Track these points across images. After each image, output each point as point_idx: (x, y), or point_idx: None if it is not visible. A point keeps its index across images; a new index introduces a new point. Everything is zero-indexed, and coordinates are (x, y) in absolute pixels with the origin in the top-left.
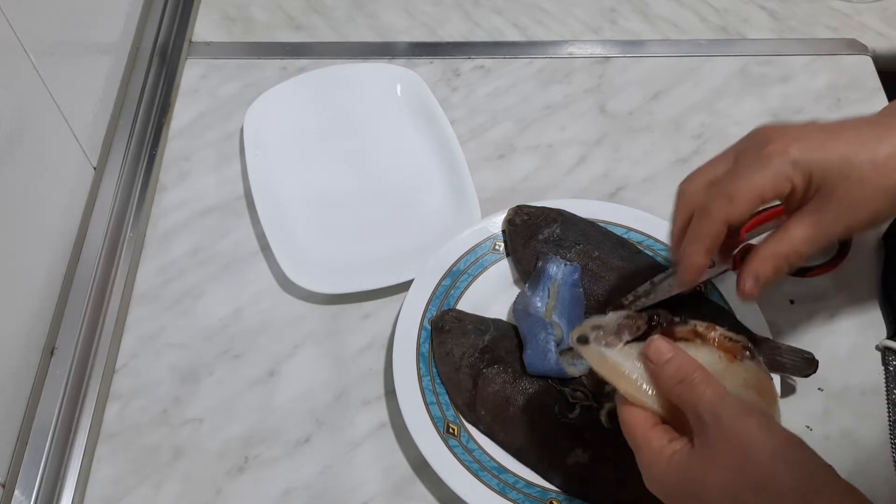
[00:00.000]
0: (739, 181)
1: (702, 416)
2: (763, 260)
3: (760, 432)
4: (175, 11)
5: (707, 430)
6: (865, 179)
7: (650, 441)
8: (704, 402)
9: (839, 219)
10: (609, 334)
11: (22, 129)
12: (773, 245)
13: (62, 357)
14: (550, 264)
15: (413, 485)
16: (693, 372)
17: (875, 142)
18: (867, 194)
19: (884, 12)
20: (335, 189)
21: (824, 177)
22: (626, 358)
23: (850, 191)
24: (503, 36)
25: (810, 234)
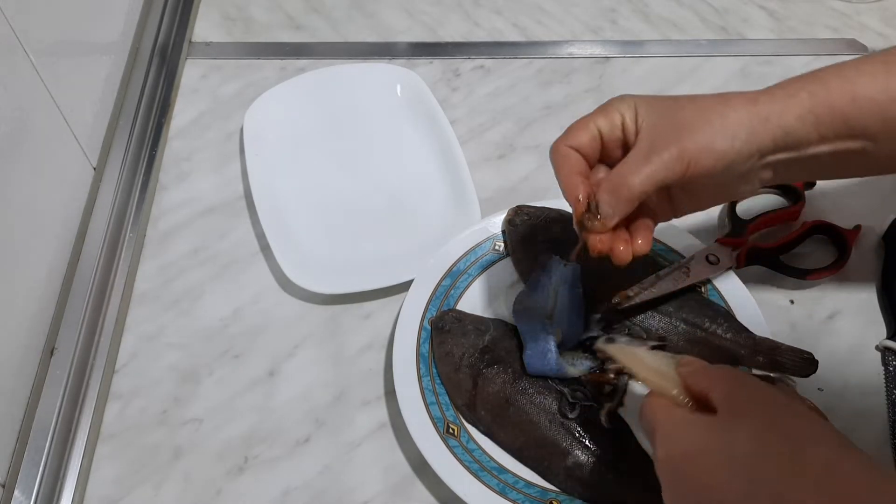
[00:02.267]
0: (575, 122)
1: (730, 386)
2: (603, 189)
3: (784, 397)
4: (175, 11)
5: (735, 396)
6: (685, 108)
7: (672, 413)
8: (731, 375)
9: (669, 139)
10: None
11: (22, 129)
12: (612, 173)
13: (62, 357)
14: (550, 264)
15: (413, 485)
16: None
17: (698, 95)
18: (689, 118)
19: (884, 12)
20: (335, 189)
21: (649, 108)
22: (650, 354)
23: (673, 117)
24: (503, 36)
25: (644, 152)
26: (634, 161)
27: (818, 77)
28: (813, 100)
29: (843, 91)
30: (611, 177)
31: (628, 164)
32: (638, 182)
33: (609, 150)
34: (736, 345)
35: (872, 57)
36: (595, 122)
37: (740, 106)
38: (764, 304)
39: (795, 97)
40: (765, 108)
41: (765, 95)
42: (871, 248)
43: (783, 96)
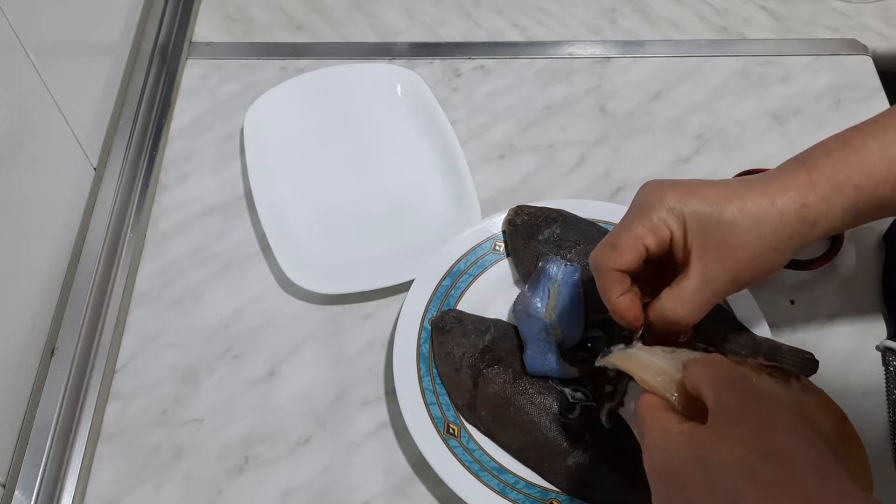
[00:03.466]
0: (622, 232)
1: (720, 389)
2: (658, 318)
3: (778, 410)
4: (175, 11)
5: (723, 403)
6: (736, 223)
7: (661, 420)
8: (723, 376)
9: (721, 265)
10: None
11: (22, 129)
12: (664, 303)
13: (62, 357)
14: (550, 264)
15: (413, 485)
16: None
17: (742, 190)
18: (740, 237)
19: (884, 12)
20: (335, 189)
21: (698, 222)
22: (648, 352)
23: (722, 234)
24: (503, 36)
25: (699, 285)
26: (689, 293)
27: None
28: (858, 193)
29: (886, 178)
30: (664, 308)
31: (683, 297)
32: (693, 317)
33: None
34: (736, 345)
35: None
36: (644, 242)
37: (791, 215)
38: (764, 304)
39: (841, 192)
40: (812, 213)
41: (812, 194)
42: (871, 248)
43: (828, 192)
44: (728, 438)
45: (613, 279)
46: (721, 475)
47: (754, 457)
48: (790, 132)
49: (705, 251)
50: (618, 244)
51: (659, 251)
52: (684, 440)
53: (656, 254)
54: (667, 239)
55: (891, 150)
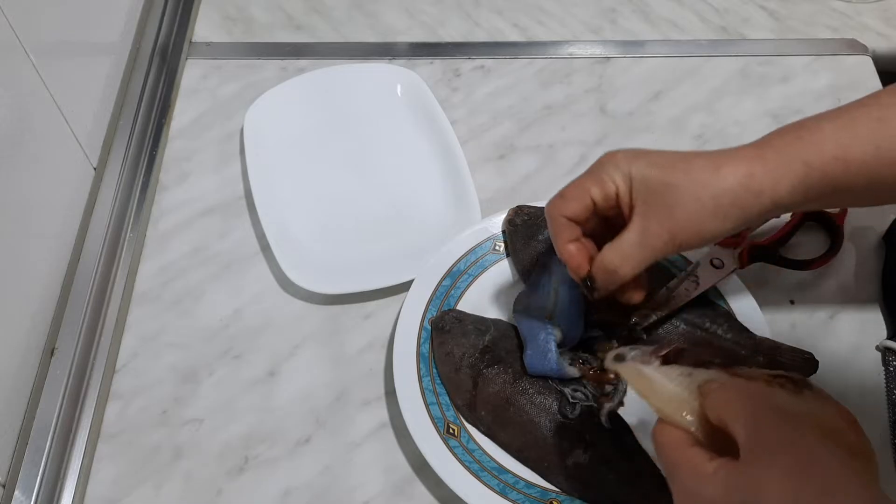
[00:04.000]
0: (572, 184)
1: (751, 422)
2: (597, 269)
3: (817, 441)
4: (175, 11)
5: (758, 438)
6: (678, 184)
7: (689, 457)
8: (752, 407)
9: (659, 223)
10: (645, 354)
11: (22, 129)
12: (604, 255)
13: (62, 357)
14: (550, 264)
15: (413, 485)
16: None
17: (691, 156)
18: (679, 197)
19: (884, 12)
20: (335, 189)
21: (643, 181)
22: (664, 376)
23: (664, 194)
24: (503, 36)
25: (637, 239)
26: (627, 246)
27: (814, 140)
28: (807, 170)
29: (836, 157)
30: (605, 260)
31: (622, 249)
32: (629, 269)
33: (602, 211)
34: (736, 345)
35: (868, 106)
36: (590, 193)
37: (734, 180)
38: (764, 304)
39: (790, 167)
40: (758, 182)
41: (760, 166)
42: (871, 248)
43: (777, 164)
44: (772, 477)
45: (562, 225)
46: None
47: (806, 495)
48: None
49: (647, 208)
50: (566, 193)
51: (605, 204)
52: (722, 482)
53: (603, 207)
54: (612, 193)
55: (843, 131)
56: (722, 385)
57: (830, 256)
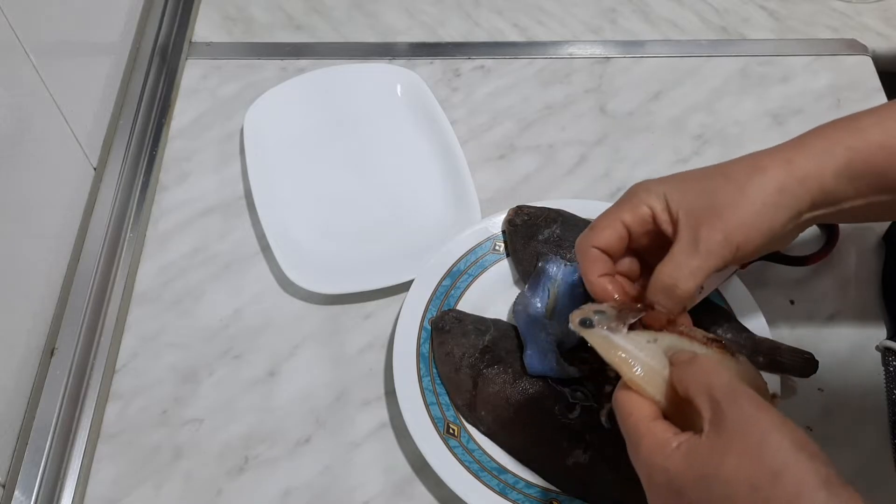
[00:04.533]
0: (602, 215)
1: (718, 400)
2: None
3: (779, 422)
4: (175, 11)
5: (723, 415)
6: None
7: (654, 432)
8: (721, 385)
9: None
10: (612, 319)
11: (22, 129)
12: (662, 273)
13: (62, 357)
14: (550, 264)
15: (413, 485)
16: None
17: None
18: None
19: (884, 12)
20: (335, 189)
21: (681, 194)
22: (632, 344)
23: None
24: (503, 36)
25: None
26: (682, 257)
27: (857, 127)
28: (851, 154)
29: (883, 144)
30: (661, 277)
31: (676, 261)
32: (691, 281)
33: (636, 240)
34: (736, 345)
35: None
36: (622, 220)
37: (775, 169)
38: (764, 304)
39: (832, 151)
40: (801, 168)
41: (799, 153)
42: (871, 248)
43: (818, 151)
44: (733, 454)
45: (592, 258)
46: (728, 494)
47: (762, 475)
48: (790, 132)
49: (692, 216)
50: (596, 224)
51: (640, 229)
52: (685, 456)
53: (639, 233)
54: (647, 216)
55: (886, 122)
56: (691, 359)
57: (828, 251)
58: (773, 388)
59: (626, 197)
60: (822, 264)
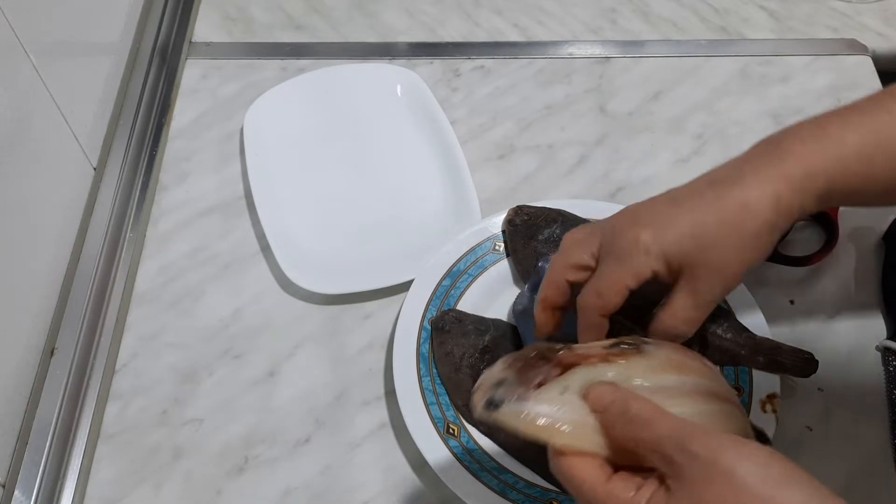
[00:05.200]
0: (605, 280)
1: (670, 455)
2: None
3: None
4: (175, 11)
5: (682, 469)
6: (717, 244)
7: (615, 494)
8: (667, 439)
9: (713, 283)
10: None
11: (22, 129)
12: (662, 321)
13: (62, 357)
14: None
15: (413, 485)
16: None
17: (713, 198)
18: (723, 255)
19: (884, 12)
20: (335, 189)
21: (680, 253)
22: (547, 404)
23: (706, 257)
24: (503, 36)
25: (691, 302)
26: (683, 311)
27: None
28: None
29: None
30: (663, 326)
31: (676, 312)
32: (691, 327)
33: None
34: (736, 345)
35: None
36: (627, 286)
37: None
38: (764, 304)
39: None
40: (786, 203)
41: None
42: (871, 247)
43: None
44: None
45: (594, 324)
46: None
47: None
48: None
49: (692, 272)
50: (603, 292)
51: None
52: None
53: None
54: (649, 277)
55: (866, 143)
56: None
57: (828, 251)
58: (773, 389)
59: (625, 258)
60: (822, 264)
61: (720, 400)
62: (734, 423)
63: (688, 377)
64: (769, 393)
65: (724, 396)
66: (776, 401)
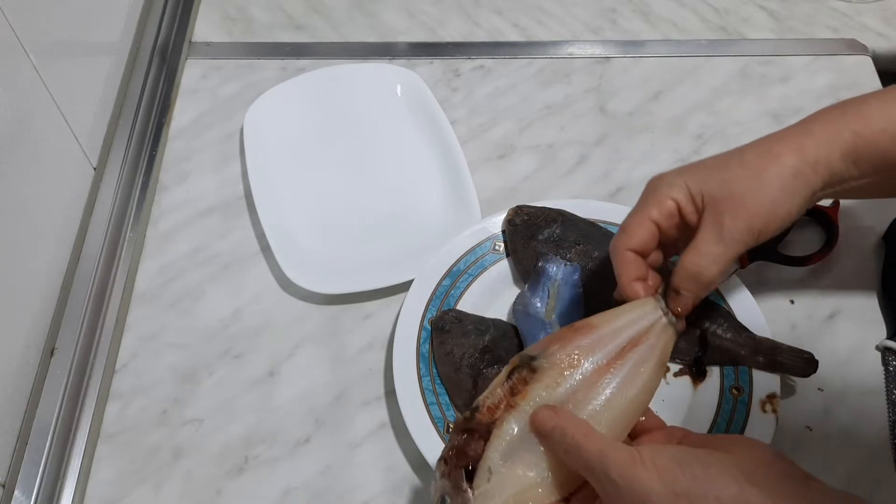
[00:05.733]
0: (629, 216)
1: (598, 479)
2: (680, 278)
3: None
4: (175, 11)
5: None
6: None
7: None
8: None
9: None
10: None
11: (22, 129)
12: (688, 263)
13: (62, 357)
14: (550, 264)
15: (413, 485)
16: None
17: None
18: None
19: (884, 12)
20: (335, 189)
21: (702, 185)
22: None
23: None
24: (503, 36)
25: (715, 236)
26: (707, 245)
27: (861, 114)
28: (856, 139)
29: (884, 130)
30: (686, 266)
31: (701, 250)
32: (716, 268)
33: (666, 232)
34: (736, 345)
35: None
36: (650, 217)
37: (789, 156)
38: (764, 304)
39: (839, 135)
40: (812, 154)
41: (810, 139)
42: (871, 247)
43: (828, 138)
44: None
45: (627, 260)
46: None
47: None
48: None
49: (715, 206)
50: (627, 226)
51: (669, 223)
52: None
53: (667, 227)
54: (673, 209)
55: (890, 106)
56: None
57: (828, 251)
58: (773, 389)
59: (650, 193)
60: (822, 264)
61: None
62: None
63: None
64: (769, 393)
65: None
66: (776, 401)
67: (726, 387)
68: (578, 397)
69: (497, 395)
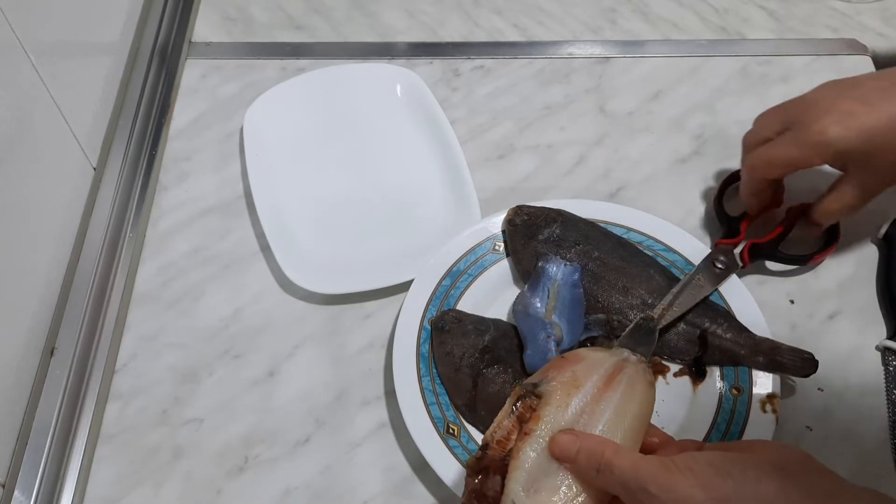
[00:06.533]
0: (777, 150)
1: (633, 493)
2: (821, 214)
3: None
4: (175, 11)
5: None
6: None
7: None
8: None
9: (879, 179)
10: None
11: (22, 129)
12: (828, 204)
13: (62, 357)
14: (550, 264)
15: (413, 485)
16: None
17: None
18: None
19: (884, 12)
20: (335, 189)
21: (857, 152)
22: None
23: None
24: (503, 36)
25: (858, 193)
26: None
27: None
28: None
29: None
30: (828, 207)
31: (843, 200)
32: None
33: None
34: (736, 345)
35: None
36: (795, 163)
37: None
38: (764, 304)
39: None
40: None
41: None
42: (871, 248)
43: None
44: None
45: (756, 189)
46: None
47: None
48: None
49: (864, 167)
50: (771, 160)
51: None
52: None
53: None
54: (815, 163)
55: None
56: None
57: (829, 249)
58: (773, 388)
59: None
60: (822, 264)
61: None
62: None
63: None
64: (769, 393)
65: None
66: (776, 401)
67: (726, 387)
68: (585, 419)
69: (505, 426)
